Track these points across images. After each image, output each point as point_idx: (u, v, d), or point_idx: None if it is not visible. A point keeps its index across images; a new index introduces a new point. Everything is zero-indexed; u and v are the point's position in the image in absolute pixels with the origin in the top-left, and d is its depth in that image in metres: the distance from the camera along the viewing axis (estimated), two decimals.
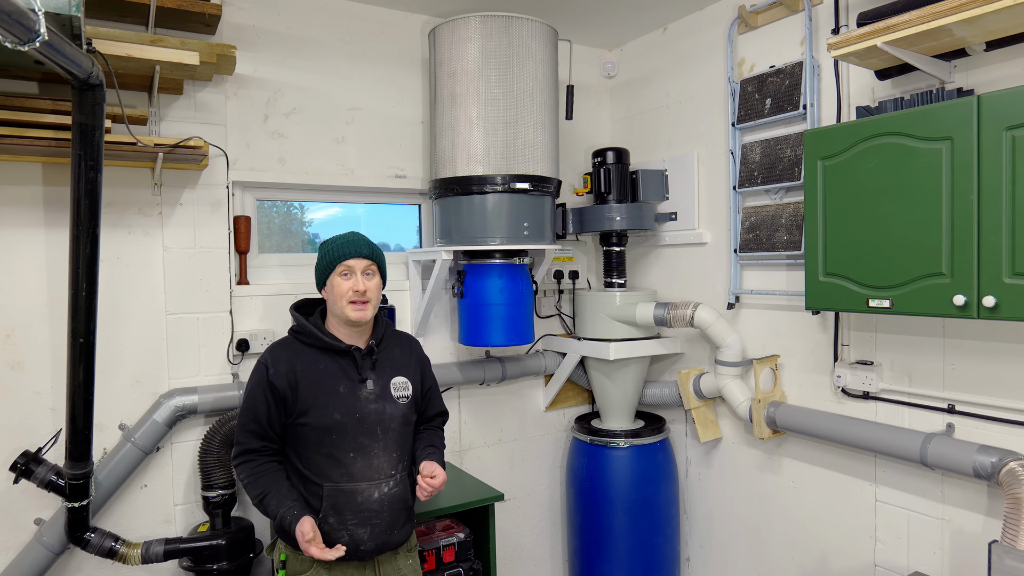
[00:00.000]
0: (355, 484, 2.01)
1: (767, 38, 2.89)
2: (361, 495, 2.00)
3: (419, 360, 2.25)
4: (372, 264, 2.08)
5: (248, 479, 2.00)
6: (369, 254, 2.06)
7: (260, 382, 2.01)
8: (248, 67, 2.79)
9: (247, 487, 2.01)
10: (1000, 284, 1.88)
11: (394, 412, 2.08)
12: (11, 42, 1.48)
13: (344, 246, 2.04)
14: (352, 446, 2.01)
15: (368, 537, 2.01)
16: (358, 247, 2.05)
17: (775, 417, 2.75)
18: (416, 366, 2.21)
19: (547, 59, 2.91)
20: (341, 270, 2.03)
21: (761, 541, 3.04)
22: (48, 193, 2.45)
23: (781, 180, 2.78)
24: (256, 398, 2.01)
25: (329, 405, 2.00)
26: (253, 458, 2.02)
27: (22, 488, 2.40)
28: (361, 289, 2.02)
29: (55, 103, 2.21)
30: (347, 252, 2.03)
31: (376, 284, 2.08)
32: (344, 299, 2.02)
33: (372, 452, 2.04)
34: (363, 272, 2.05)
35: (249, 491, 2.01)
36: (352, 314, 2.02)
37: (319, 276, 2.09)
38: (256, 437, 2.01)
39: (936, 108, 2.00)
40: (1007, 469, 2.05)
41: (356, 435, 2.02)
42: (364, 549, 2.01)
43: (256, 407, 2.01)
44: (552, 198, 3.02)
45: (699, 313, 2.94)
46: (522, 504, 3.52)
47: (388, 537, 2.05)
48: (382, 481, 2.04)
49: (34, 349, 2.44)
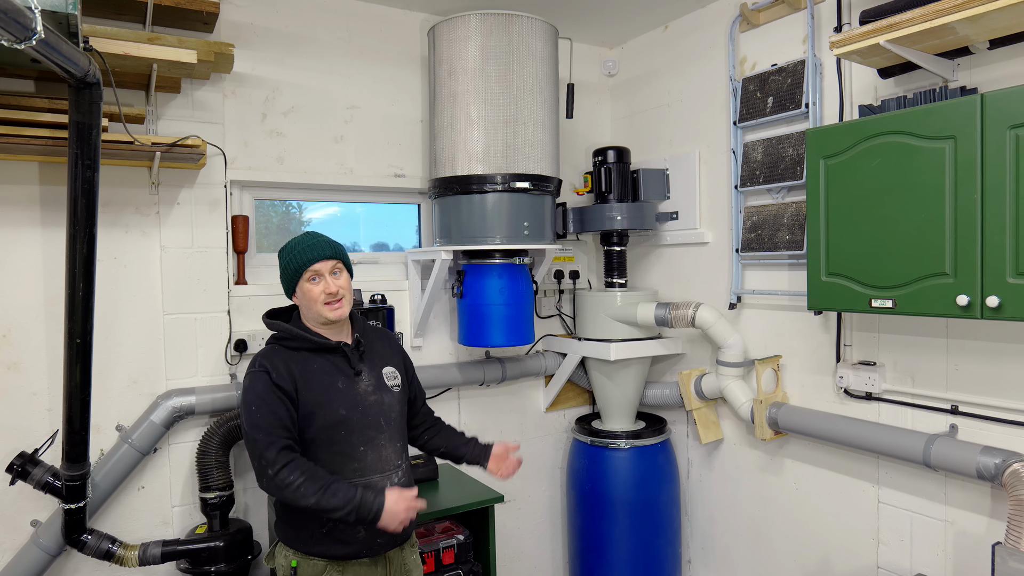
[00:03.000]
0: (368, 478, 2.02)
1: (769, 36, 2.87)
2: (375, 488, 1.99)
3: (400, 351, 2.28)
4: (338, 262, 2.06)
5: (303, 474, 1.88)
6: (332, 254, 2.05)
7: (267, 388, 1.93)
8: (246, 65, 2.77)
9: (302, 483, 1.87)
10: (1004, 284, 1.86)
11: (392, 402, 2.11)
12: (7, 40, 1.47)
13: (306, 251, 2.02)
14: (361, 439, 2.02)
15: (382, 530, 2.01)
16: (320, 249, 2.03)
17: (777, 418, 2.74)
18: (398, 356, 2.25)
19: (547, 57, 2.90)
20: (308, 275, 2.01)
21: (763, 543, 3.02)
22: (45, 192, 2.43)
23: (783, 179, 2.76)
24: (270, 402, 1.92)
25: (335, 402, 2.00)
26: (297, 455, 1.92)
27: (18, 490, 2.38)
28: (333, 290, 2.01)
29: (52, 102, 2.20)
30: (311, 256, 2.01)
31: (346, 280, 2.07)
32: (319, 302, 2.00)
33: (380, 443, 2.05)
34: (330, 272, 2.03)
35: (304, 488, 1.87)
36: (330, 314, 2.02)
37: (287, 285, 2.06)
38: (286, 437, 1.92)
39: (939, 107, 1.99)
40: (1011, 470, 2.04)
41: (363, 428, 2.03)
42: (380, 541, 2.03)
43: (274, 409, 1.92)
44: (552, 197, 3.01)
45: (700, 313, 2.93)
46: (522, 506, 3.51)
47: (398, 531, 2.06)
48: (392, 472, 2.07)
49: (30, 349, 2.43)
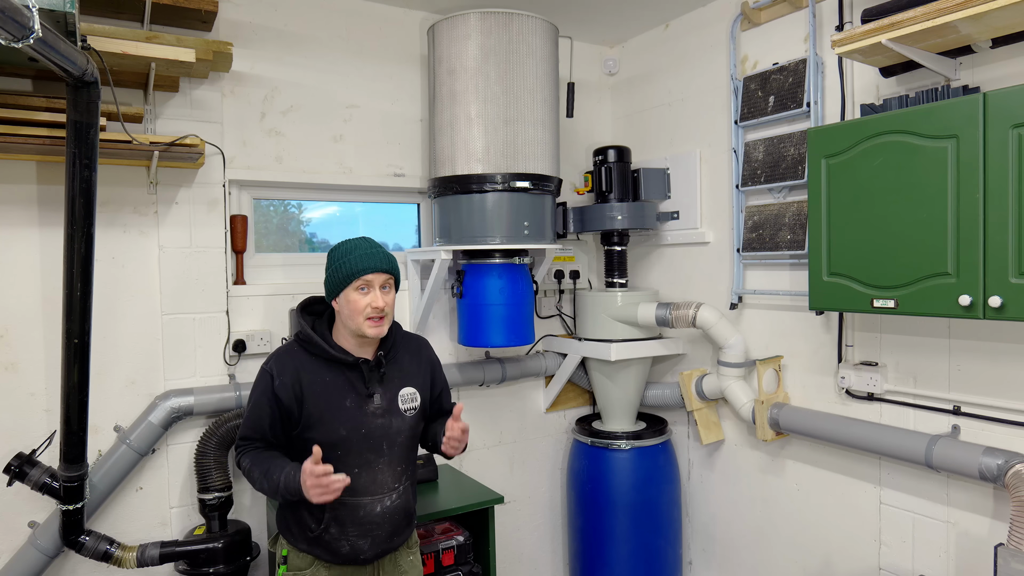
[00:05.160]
0: (358, 499, 1.97)
1: (770, 35, 2.86)
2: (363, 509, 1.98)
3: (429, 364, 2.16)
4: (390, 278, 1.97)
5: (251, 462, 1.93)
6: (388, 268, 1.95)
7: (264, 392, 1.95)
8: (245, 64, 2.76)
9: (250, 469, 1.92)
10: (1006, 284, 1.85)
11: (401, 426, 2.03)
12: (5, 39, 1.46)
13: (364, 259, 1.91)
14: (357, 462, 1.96)
15: (368, 547, 2.00)
16: (378, 260, 1.93)
17: (778, 419, 2.73)
18: (426, 372, 2.14)
19: (547, 56, 2.89)
20: (359, 284, 1.91)
21: (764, 544, 3.01)
22: (42, 192, 2.42)
23: (784, 179, 2.75)
24: (260, 407, 1.95)
25: (335, 420, 1.94)
26: (257, 446, 1.97)
27: (16, 491, 2.38)
28: (380, 305, 1.91)
29: (50, 101, 2.20)
30: (367, 266, 1.91)
31: (393, 299, 1.98)
32: (362, 315, 1.91)
33: (377, 467, 1.99)
34: (381, 287, 1.94)
35: (252, 471, 1.92)
36: (370, 331, 1.93)
37: (332, 287, 1.96)
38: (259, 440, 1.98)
39: (941, 106, 1.98)
40: (1013, 471, 2.03)
41: (362, 451, 1.97)
42: (364, 558, 2.00)
43: (260, 416, 1.95)
44: (553, 197, 3.00)
45: (701, 313, 2.92)
46: (522, 507, 3.50)
47: (388, 544, 2.04)
48: (385, 495, 2.01)
49: (28, 350, 2.42)
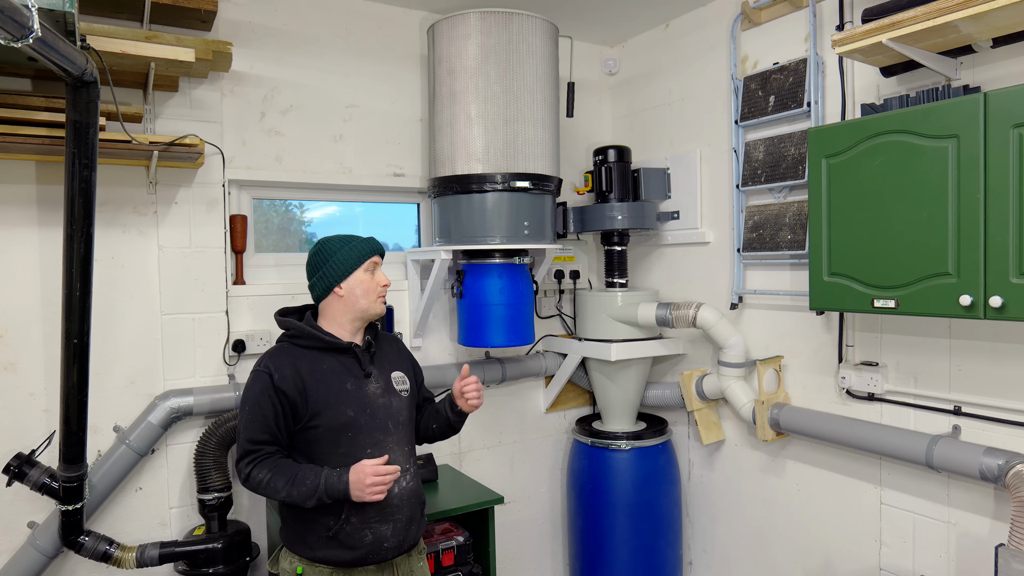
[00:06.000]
0: None
1: (771, 35, 2.86)
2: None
3: (408, 354, 2.28)
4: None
5: (270, 472, 1.89)
6: (384, 251, 2.16)
7: (265, 389, 1.93)
8: (244, 64, 2.76)
9: (270, 480, 1.89)
10: (1007, 284, 1.85)
11: (400, 405, 2.10)
12: (4, 38, 1.45)
13: (367, 243, 2.09)
14: (368, 442, 2.00)
15: (391, 534, 2.00)
16: (378, 244, 2.13)
17: (779, 419, 2.72)
18: (407, 360, 2.24)
19: (547, 56, 2.88)
20: (368, 265, 2.07)
21: (765, 544, 3.01)
22: (42, 192, 2.42)
23: (785, 179, 2.75)
24: (262, 406, 1.93)
25: (341, 403, 1.98)
26: (269, 453, 1.93)
27: (15, 491, 2.37)
28: (388, 283, 2.11)
29: (49, 100, 2.19)
30: (374, 248, 2.10)
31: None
32: (374, 293, 2.07)
33: (387, 447, 2.03)
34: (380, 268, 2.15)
35: (274, 482, 1.88)
36: (381, 308, 2.10)
37: (338, 274, 2.03)
38: (266, 443, 1.93)
39: (942, 105, 1.98)
40: (1014, 471, 2.03)
41: (370, 431, 2.01)
42: (387, 547, 2.00)
43: (264, 414, 1.92)
44: (553, 197, 3.00)
45: (702, 313, 2.91)
46: (522, 507, 3.50)
47: (407, 534, 2.05)
48: (400, 476, 2.03)
49: (27, 350, 2.41)
